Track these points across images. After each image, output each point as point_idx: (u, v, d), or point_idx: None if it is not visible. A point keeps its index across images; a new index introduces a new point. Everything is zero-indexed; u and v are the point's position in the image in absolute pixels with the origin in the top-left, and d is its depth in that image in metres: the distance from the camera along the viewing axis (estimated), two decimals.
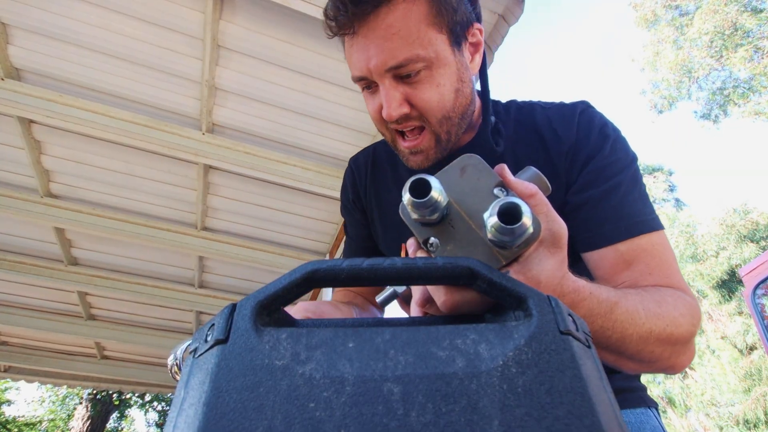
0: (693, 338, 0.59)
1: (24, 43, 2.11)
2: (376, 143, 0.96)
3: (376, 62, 0.65)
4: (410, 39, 0.64)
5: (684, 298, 0.61)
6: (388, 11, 0.63)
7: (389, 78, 0.66)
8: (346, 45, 0.69)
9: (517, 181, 0.47)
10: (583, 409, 0.27)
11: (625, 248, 0.65)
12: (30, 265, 3.24)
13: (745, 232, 11.71)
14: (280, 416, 0.26)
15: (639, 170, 0.72)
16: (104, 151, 2.56)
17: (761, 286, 4.11)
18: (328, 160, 2.66)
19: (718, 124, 12.88)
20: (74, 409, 11.98)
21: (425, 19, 0.64)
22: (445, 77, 0.67)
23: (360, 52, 0.66)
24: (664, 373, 0.61)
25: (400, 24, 0.63)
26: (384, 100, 0.67)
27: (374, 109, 0.71)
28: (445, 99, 0.68)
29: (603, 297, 0.51)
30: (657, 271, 0.63)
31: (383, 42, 0.64)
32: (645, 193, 0.70)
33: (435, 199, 0.41)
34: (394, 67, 0.65)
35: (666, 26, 12.38)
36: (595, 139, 0.71)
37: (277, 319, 0.35)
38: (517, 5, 1.98)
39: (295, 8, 1.87)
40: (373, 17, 0.63)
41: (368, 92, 0.71)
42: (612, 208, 0.67)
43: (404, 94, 0.67)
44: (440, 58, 0.66)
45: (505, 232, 0.39)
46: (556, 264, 0.45)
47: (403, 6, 0.63)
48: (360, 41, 0.66)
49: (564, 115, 0.75)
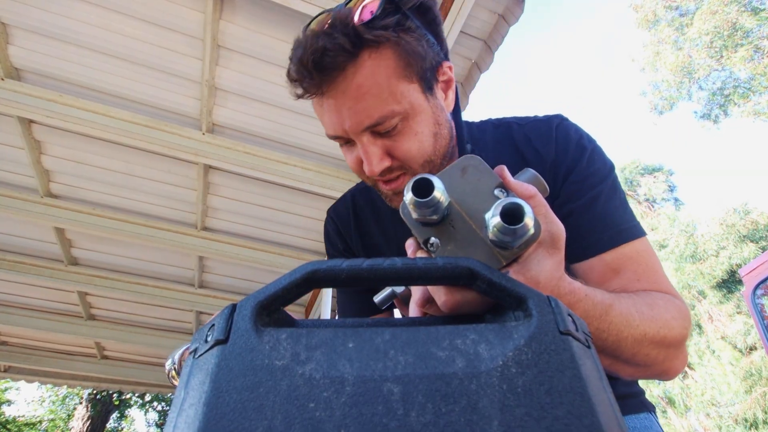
0: (685, 342, 0.60)
1: (24, 43, 2.11)
2: (352, 189, 0.95)
3: (350, 123, 0.63)
4: (382, 96, 0.62)
5: (674, 301, 0.61)
6: (355, 71, 0.61)
7: (367, 135, 0.64)
8: (315, 104, 0.67)
9: (517, 183, 0.47)
10: (583, 409, 0.27)
11: (611, 257, 0.66)
12: (30, 265, 3.24)
13: (745, 232, 11.71)
14: (280, 416, 0.26)
15: (617, 179, 0.73)
16: (104, 151, 2.56)
17: (761, 286, 4.11)
18: (328, 160, 2.66)
19: (719, 124, 12.88)
20: (74, 409, 11.99)
21: (394, 73, 0.62)
22: (422, 125, 0.66)
23: (332, 114, 0.64)
24: (659, 378, 0.61)
25: (369, 83, 0.61)
26: (364, 158, 0.66)
27: (354, 162, 0.69)
28: (425, 146, 0.67)
29: (598, 299, 0.51)
30: (644, 277, 0.65)
31: (355, 103, 0.62)
32: (625, 201, 0.72)
33: (437, 199, 0.41)
34: (370, 126, 0.63)
35: (666, 26, 12.38)
36: (573, 153, 0.72)
37: (277, 319, 0.35)
38: (517, 5, 1.98)
39: (296, 8, 1.87)
40: (341, 79, 0.61)
41: (346, 147, 0.70)
42: (595, 219, 0.68)
43: (384, 148, 0.65)
44: (415, 107, 0.64)
45: (507, 233, 0.39)
46: (554, 265, 0.46)
47: (370, 63, 0.61)
48: (330, 103, 0.63)
49: (541, 131, 0.75)
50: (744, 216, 12.17)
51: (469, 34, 2.16)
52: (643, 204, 16.64)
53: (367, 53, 0.61)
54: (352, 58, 0.60)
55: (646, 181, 16.84)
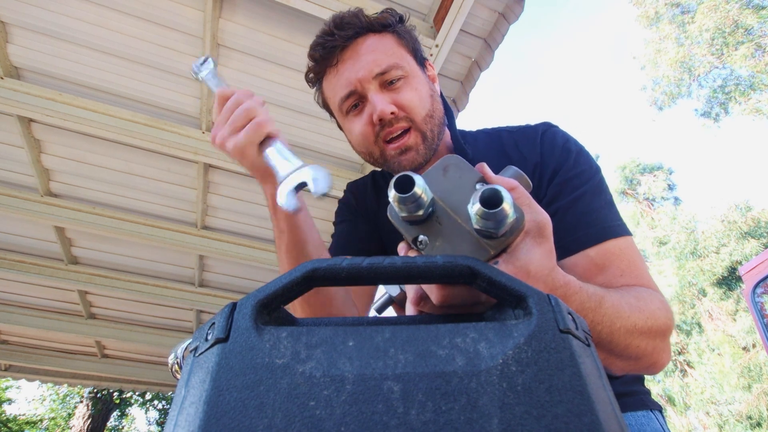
0: (670, 333, 0.62)
1: (24, 42, 2.11)
2: (371, 172, 1.03)
3: (363, 73, 0.77)
4: (388, 52, 0.78)
5: (657, 295, 0.63)
6: (363, 40, 0.79)
7: (375, 84, 0.77)
8: (329, 79, 0.81)
9: (497, 177, 0.49)
10: (583, 407, 0.27)
11: (595, 253, 0.68)
12: (30, 264, 3.24)
13: (747, 229, 11.71)
14: (281, 414, 0.26)
15: (604, 180, 0.76)
16: (104, 149, 2.56)
17: (761, 284, 4.11)
18: (329, 159, 2.66)
19: (719, 122, 12.86)
20: (75, 408, 12.00)
21: (394, 43, 0.81)
22: (420, 85, 0.80)
23: (346, 71, 0.78)
24: (647, 371, 0.63)
25: (376, 44, 0.79)
26: (375, 103, 0.76)
27: (363, 123, 0.79)
28: (424, 100, 0.79)
29: (591, 291, 0.53)
30: (628, 273, 0.66)
31: (367, 56, 0.77)
32: (611, 201, 0.74)
33: (418, 194, 0.42)
34: (379, 74, 0.77)
35: (668, 24, 12.36)
36: (559, 155, 0.77)
37: (277, 317, 0.35)
38: (517, 3, 1.97)
39: (295, 6, 1.87)
40: (352, 46, 0.78)
41: (354, 113, 0.81)
42: (580, 216, 0.70)
43: (390, 98, 0.77)
44: (413, 70, 0.80)
45: (488, 217, 0.40)
46: (543, 253, 0.47)
47: (374, 36, 0.80)
48: (345, 63, 0.78)
49: (528, 136, 0.82)
50: (745, 213, 12.16)
51: (469, 32, 2.16)
52: (643, 203, 16.63)
53: (372, 34, 0.80)
54: (364, 31, 0.79)
55: (646, 180, 16.84)
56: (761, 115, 11.52)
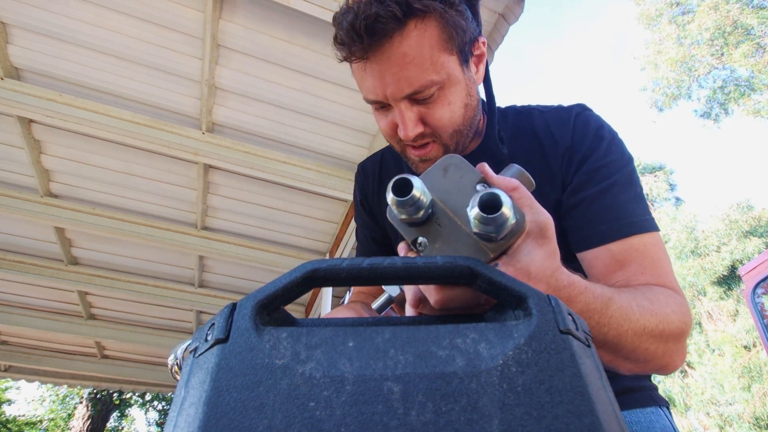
0: (685, 337, 0.59)
1: (24, 43, 2.11)
2: (384, 149, 0.98)
3: (392, 90, 0.67)
4: (424, 66, 0.65)
5: (675, 296, 0.61)
6: (401, 39, 0.63)
7: (405, 101, 0.68)
8: (357, 68, 0.70)
9: (498, 177, 0.48)
10: (583, 408, 0.27)
11: (618, 248, 0.65)
12: (30, 265, 3.25)
13: (748, 228, 11.70)
14: (281, 415, 0.26)
15: (635, 172, 0.72)
16: (104, 150, 2.56)
17: (761, 285, 4.11)
18: (328, 160, 2.66)
19: (719, 123, 12.87)
20: (74, 409, 12.00)
21: (437, 44, 0.65)
22: (456, 95, 0.69)
23: (375, 79, 0.67)
24: (657, 372, 0.61)
25: (414, 52, 0.64)
26: (401, 122, 0.69)
27: (388, 126, 0.73)
28: (456, 116, 0.70)
29: (598, 292, 0.51)
30: (649, 271, 0.64)
31: (399, 71, 0.65)
32: (640, 195, 0.70)
33: (417, 197, 0.42)
34: (410, 94, 0.67)
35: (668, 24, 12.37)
36: (591, 141, 0.72)
37: (277, 318, 0.35)
38: (517, 4, 1.97)
39: (295, 7, 1.87)
40: (388, 45, 0.64)
41: (381, 111, 0.73)
42: (606, 209, 0.67)
43: (419, 114, 0.69)
44: (451, 78, 0.68)
45: (487, 222, 0.40)
46: (545, 255, 0.45)
47: (416, 33, 0.64)
48: (374, 68, 0.66)
49: (560, 118, 0.76)
50: (746, 212, 12.16)
51: None
52: None
53: (414, 22, 0.64)
54: (401, 26, 0.63)
55: (647, 181, 16.86)
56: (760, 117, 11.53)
